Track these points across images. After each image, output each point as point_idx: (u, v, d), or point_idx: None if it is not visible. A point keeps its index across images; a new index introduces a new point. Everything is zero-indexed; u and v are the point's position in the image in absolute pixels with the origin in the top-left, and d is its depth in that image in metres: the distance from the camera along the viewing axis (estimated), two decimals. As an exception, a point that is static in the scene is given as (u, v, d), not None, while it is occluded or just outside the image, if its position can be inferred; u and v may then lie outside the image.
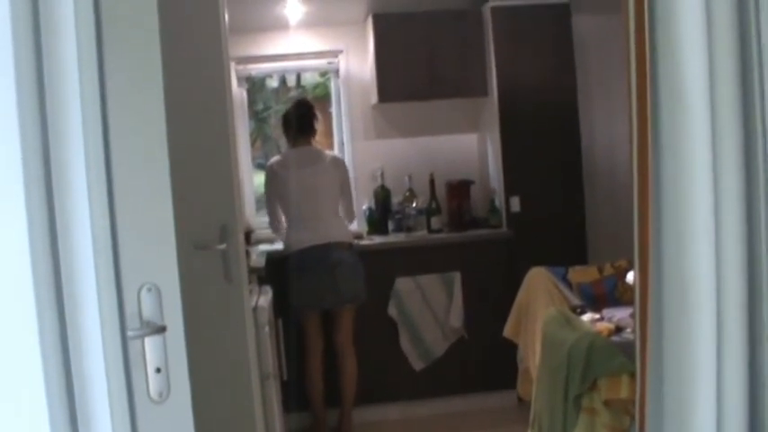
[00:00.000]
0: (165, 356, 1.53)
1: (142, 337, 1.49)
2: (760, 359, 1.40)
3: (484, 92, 5.39)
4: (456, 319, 5.11)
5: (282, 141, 5.10)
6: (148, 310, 1.50)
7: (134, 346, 1.46)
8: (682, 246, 1.42)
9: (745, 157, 1.40)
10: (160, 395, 1.52)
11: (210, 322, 2.91)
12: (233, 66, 5.26)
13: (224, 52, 3.01)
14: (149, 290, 1.51)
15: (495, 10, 5.23)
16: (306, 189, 4.79)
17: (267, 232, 5.43)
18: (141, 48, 1.46)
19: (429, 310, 5.10)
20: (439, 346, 5.13)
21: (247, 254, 3.56)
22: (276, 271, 4.62)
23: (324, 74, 5.95)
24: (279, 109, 6.10)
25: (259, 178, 6.05)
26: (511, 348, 4.47)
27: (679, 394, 1.43)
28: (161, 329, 1.52)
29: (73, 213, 1.14)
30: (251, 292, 3.44)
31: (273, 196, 4.91)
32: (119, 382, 1.28)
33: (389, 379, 4.98)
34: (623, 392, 2.56)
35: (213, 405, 2.91)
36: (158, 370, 1.52)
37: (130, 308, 1.45)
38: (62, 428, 1.13)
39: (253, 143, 5.96)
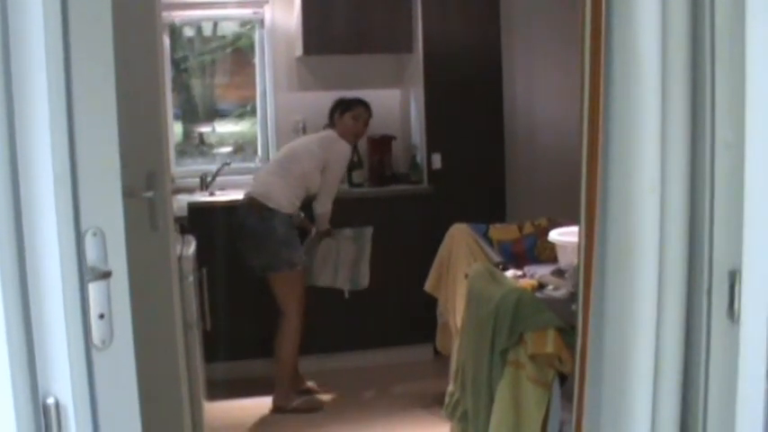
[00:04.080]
0: (108, 302, 1.50)
1: (86, 282, 1.46)
2: (698, 310, 1.47)
3: (409, 48, 5.40)
4: (365, 275, 5.05)
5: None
6: (93, 256, 1.47)
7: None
8: (627, 203, 1.47)
9: (692, 117, 1.45)
10: (103, 342, 1.49)
11: (136, 271, 2.87)
12: (155, 10, 5.11)
13: (155, -6, 2.93)
14: (94, 234, 1.48)
15: (423, -34, 5.22)
16: (282, 151, 4.85)
17: (187, 182, 5.37)
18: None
19: (342, 263, 5.03)
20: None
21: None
22: (200, 221, 4.57)
23: (244, 24, 5.86)
24: (201, 60, 5.98)
25: (178, 128, 5.94)
26: (428, 303, 4.53)
27: (620, 345, 1.49)
28: (106, 275, 1.49)
29: (34, 151, 1.10)
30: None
31: None
32: (70, 329, 1.25)
33: (305, 332, 4.97)
34: (549, 347, 2.63)
35: (137, 354, 2.87)
36: (101, 316, 1.49)
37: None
38: (19, 374, 1.11)
39: (171, 92, 5.84)
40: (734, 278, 1.40)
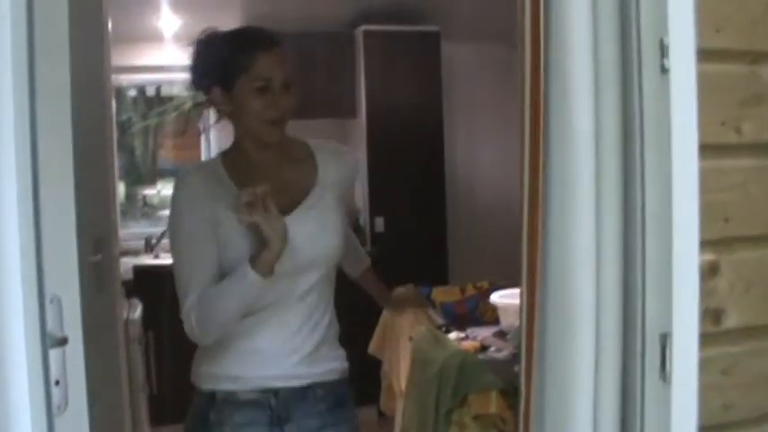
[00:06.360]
0: (63, 369, 1.52)
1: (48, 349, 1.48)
2: (633, 372, 1.56)
3: (353, 113, 5.51)
4: None
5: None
6: (49, 322, 1.50)
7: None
8: (565, 271, 1.56)
9: (625, 191, 1.56)
10: (58, 408, 1.51)
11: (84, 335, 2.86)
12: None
13: (105, 56, 2.98)
14: (51, 301, 1.50)
15: (367, 33, 5.37)
16: None
17: (131, 244, 5.35)
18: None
19: None
20: None
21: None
22: (146, 284, 4.56)
23: (189, 87, 5.91)
24: (149, 123, 6.01)
25: (121, 189, 5.93)
26: (372, 364, 4.55)
27: (561, 407, 1.57)
28: (62, 342, 1.52)
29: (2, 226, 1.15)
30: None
31: None
32: (33, 395, 1.28)
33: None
34: (492, 408, 2.70)
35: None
36: (57, 382, 1.51)
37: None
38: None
39: (114, 154, 5.84)
40: (665, 341, 1.49)
